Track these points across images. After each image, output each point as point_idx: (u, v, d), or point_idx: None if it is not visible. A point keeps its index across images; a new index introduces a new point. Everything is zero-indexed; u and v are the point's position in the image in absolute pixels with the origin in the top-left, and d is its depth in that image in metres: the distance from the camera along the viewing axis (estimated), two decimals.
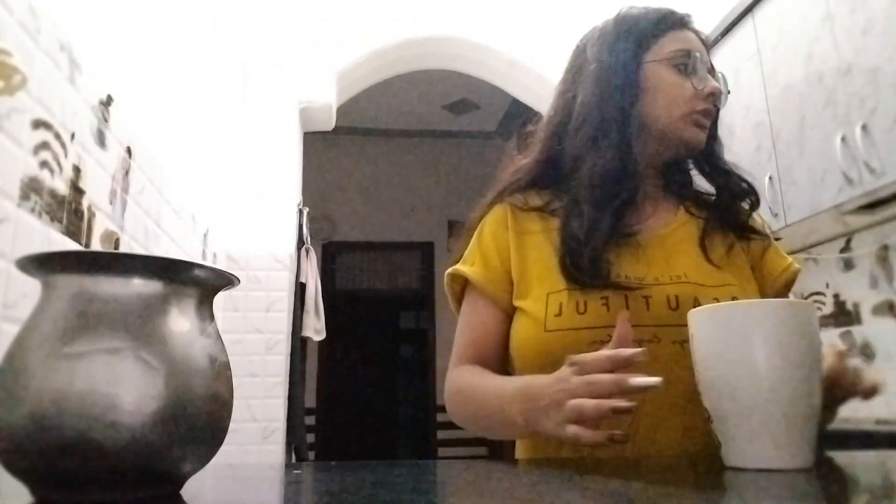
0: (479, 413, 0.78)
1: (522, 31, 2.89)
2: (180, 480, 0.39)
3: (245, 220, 2.51)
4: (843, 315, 2.35)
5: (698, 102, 0.83)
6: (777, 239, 0.93)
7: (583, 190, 0.82)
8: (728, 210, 0.87)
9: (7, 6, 0.96)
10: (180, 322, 0.38)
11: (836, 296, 2.39)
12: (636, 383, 0.56)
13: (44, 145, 1.07)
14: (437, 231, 6.01)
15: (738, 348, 0.52)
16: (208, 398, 0.38)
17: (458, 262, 0.88)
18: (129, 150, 1.48)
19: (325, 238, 5.50)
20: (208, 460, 0.40)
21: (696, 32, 0.89)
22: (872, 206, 1.99)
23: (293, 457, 2.55)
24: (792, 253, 2.65)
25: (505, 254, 0.84)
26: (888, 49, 1.80)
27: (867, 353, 2.23)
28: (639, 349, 0.58)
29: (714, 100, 0.84)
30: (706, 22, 2.67)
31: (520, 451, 0.84)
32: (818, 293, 2.47)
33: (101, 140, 1.32)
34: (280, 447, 2.38)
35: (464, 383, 0.80)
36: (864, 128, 1.87)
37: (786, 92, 2.23)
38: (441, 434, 5.40)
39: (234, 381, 0.42)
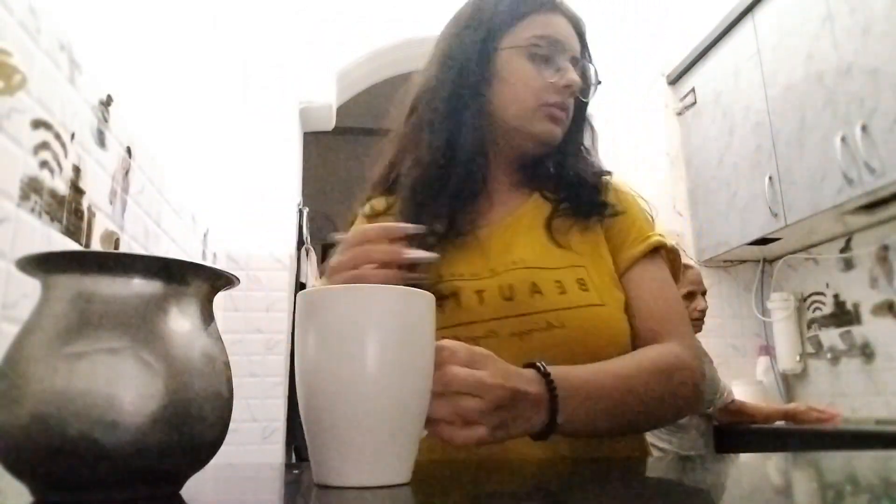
0: None
1: None
2: (180, 480, 0.39)
3: (245, 220, 2.51)
4: (843, 315, 2.35)
5: (551, 95, 0.78)
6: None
7: (406, 191, 0.79)
8: (580, 192, 0.81)
9: (7, 6, 0.96)
10: (180, 322, 0.38)
11: (835, 296, 2.39)
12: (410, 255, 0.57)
13: (44, 145, 1.07)
14: None
15: (341, 340, 0.43)
16: (208, 398, 0.38)
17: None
18: (129, 150, 1.48)
19: (325, 238, 5.50)
20: (208, 460, 0.40)
21: (569, 16, 0.82)
22: (872, 206, 1.99)
23: (293, 457, 2.55)
24: (792, 253, 2.67)
25: None
26: (888, 49, 1.80)
27: (867, 352, 2.23)
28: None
29: (570, 92, 0.79)
30: (706, 22, 2.67)
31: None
32: (818, 293, 2.47)
33: (101, 140, 1.32)
34: (280, 447, 2.38)
35: None
36: (864, 128, 1.87)
37: (786, 92, 2.23)
38: None
39: (234, 381, 0.42)
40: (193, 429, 0.37)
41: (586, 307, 0.71)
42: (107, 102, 1.35)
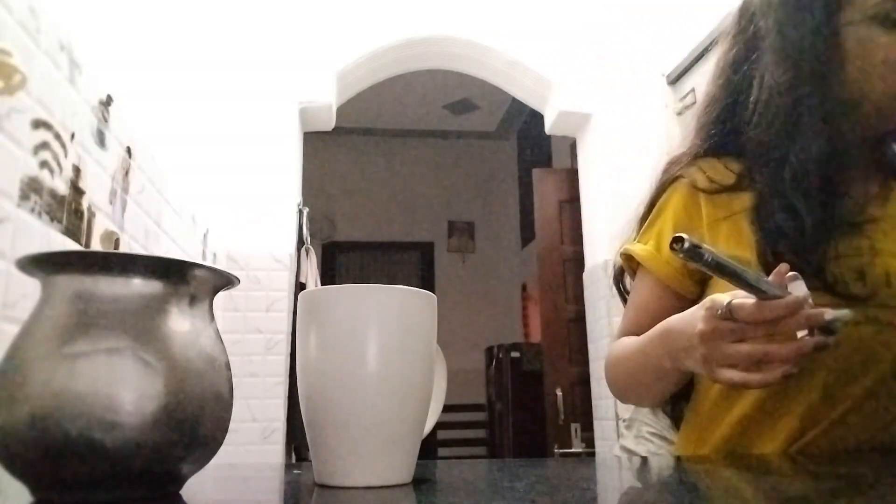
0: (633, 375, 0.74)
1: (522, 31, 2.89)
2: (180, 480, 0.39)
3: (245, 220, 2.51)
4: None
5: None
6: None
7: (785, 182, 0.69)
8: None
9: (7, 6, 0.96)
10: (180, 322, 0.38)
11: None
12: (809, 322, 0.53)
13: (44, 145, 1.07)
14: (437, 231, 6.01)
15: (343, 339, 0.43)
16: (208, 398, 0.38)
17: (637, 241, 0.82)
18: (129, 150, 1.48)
19: (325, 238, 5.50)
20: (208, 460, 0.40)
21: None
22: None
23: (293, 457, 2.55)
24: None
25: (716, 224, 0.73)
26: None
27: None
28: (806, 293, 0.53)
29: None
30: (706, 22, 2.67)
31: (684, 447, 0.77)
32: None
33: (100, 140, 1.32)
34: (280, 447, 2.38)
35: (618, 352, 0.76)
36: None
37: None
38: (441, 434, 5.39)
39: (234, 381, 0.42)
40: (193, 429, 0.37)
41: None
42: (107, 102, 1.35)
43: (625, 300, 0.86)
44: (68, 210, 1.16)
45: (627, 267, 0.83)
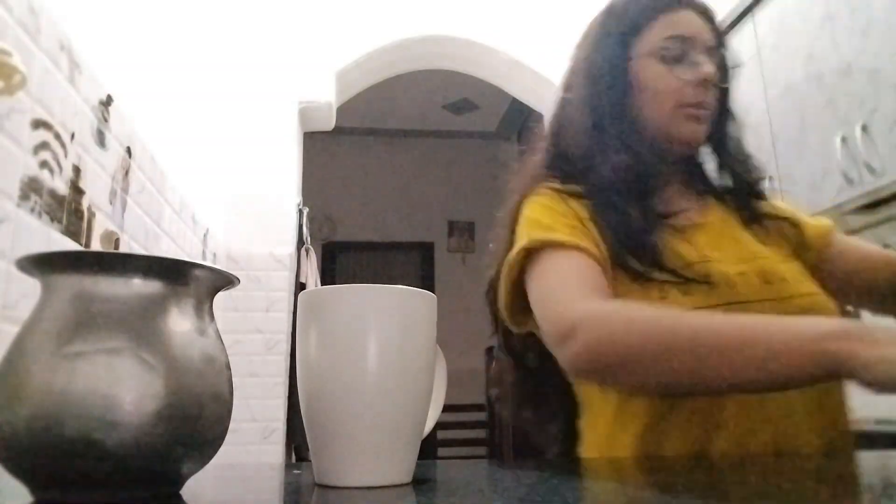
0: (726, 357, 0.56)
1: (522, 31, 2.89)
2: (180, 480, 0.39)
3: (245, 220, 2.51)
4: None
5: (687, 93, 0.77)
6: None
7: (606, 185, 0.76)
8: (749, 200, 0.83)
9: (7, 6, 0.96)
10: (180, 322, 0.38)
11: None
12: None
13: (44, 145, 1.07)
14: (437, 231, 6.01)
15: (343, 339, 0.43)
16: (208, 398, 0.38)
17: (494, 261, 0.79)
18: (128, 150, 1.48)
19: (325, 238, 5.50)
20: (208, 460, 0.40)
21: (698, 9, 0.81)
22: (872, 206, 1.99)
23: (293, 457, 2.55)
24: None
25: (583, 223, 0.74)
26: (888, 49, 1.80)
27: None
28: None
29: (708, 86, 0.77)
30: None
31: (590, 450, 0.76)
32: None
33: (100, 140, 1.32)
34: (280, 447, 2.38)
35: (651, 313, 0.62)
36: (864, 128, 1.87)
37: (786, 92, 2.23)
38: (441, 434, 5.39)
39: (234, 381, 0.42)
40: (193, 429, 0.37)
41: (814, 294, 0.73)
42: (107, 102, 1.35)
43: (496, 318, 0.83)
44: (68, 210, 1.16)
45: (508, 276, 0.74)
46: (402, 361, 0.43)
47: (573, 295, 0.66)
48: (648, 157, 0.79)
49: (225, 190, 2.47)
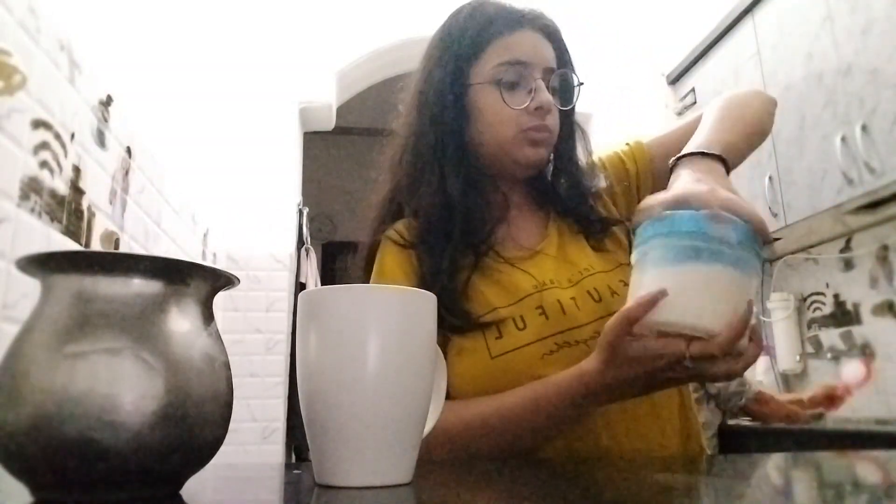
0: (513, 432, 0.68)
1: None
2: (180, 480, 0.39)
3: (245, 220, 2.51)
4: (843, 315, 2.35)
5: (525, 120, 0.76)
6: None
7: (427, 226, 0.78)
8: (580, 208, 0.83)
9: (7, 6, 0.96)
10: (180, 322, 0.38)
11: (836, 296, 2.39)
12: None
13: (44, 145, 1.07)
14: None
15: (343, 339, 0.43)
16: (208, 398, 0.38)
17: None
18: (128, 150, 1.48)
19: (325, 238, 5.50)
20: (208, 460, 0.40)
21: (537, 27, 0.80)
22: (872, 206, 1.99)
23: (293, 457, 2.55)
24: (792, 253, 2.66)
25: (415, 274, 0.78)
26: (888, 49, 1.80)
27: (867, 352, 2.23)
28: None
29: (544, 113, 0.76)
30: (706, 22, 2.67)
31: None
32: (818, 293, 2.47)
33: (100, 140, 1.32)
34: (280, 447, 2.38)
35: (470, 416, 0.69)
36: (864, 128, 1.87)
37: (786, 92, 2.23)
38: None
39: (234, 381, 0.42)
40: (193, 429, 0.37)
41: None
42: (107, 102, 1.35)
43: None
44: (68, 210, 1.16)
45: None
46: (402, 361, 0.43)
47: None
48: (486, 185, 0.80)
49: (225, 190, 2.47)
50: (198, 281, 0.40)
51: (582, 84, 0.82)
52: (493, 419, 0.67)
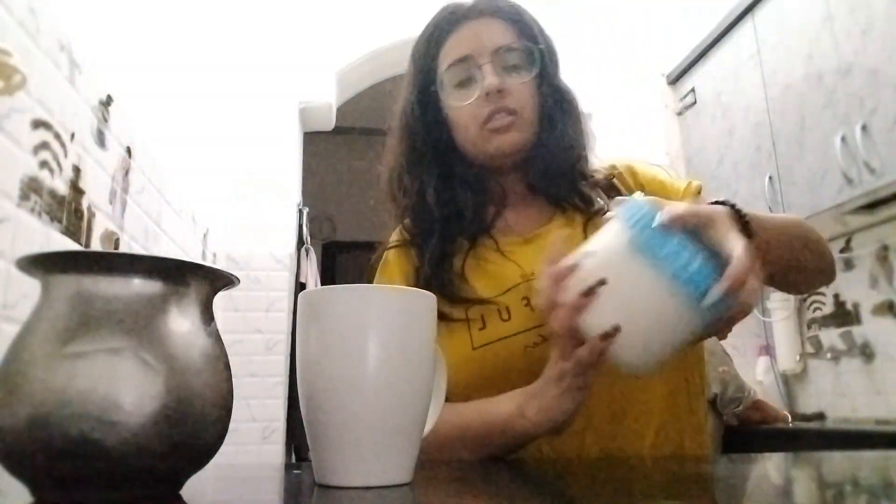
0: (484, 449, 0.68)
1: None
2: (180, 480, 0.39)
3: (245, 220, 2.51)
4: (843, 315, 2.35)
5: (482, 111, 0.76)
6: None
7: (420, 226, 0.81)
8: (569, 186, 0.81)
9: (7, 6, 0.96)
10: (180, 322, 0.38)
11: (835, 296, 2.38)
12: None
13: (44, 145, 1.07)
14: None
15: (342, 339, 0.43)
16: (208, 398, 0.38)
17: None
18: (129, 151, 1.48)
19: (325, 238, 5.50)
20: (208, 460, 0.40)
21: (478, 11, 0.79)
22: (872, 206, 1.99)
23: (293, 457, 2.55)
24: None
25: (416, 275, 0.81)
26: (888, 49, 1.80)
27: (867, 353, 2.23)
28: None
29: (495, 96, 0.75)
30: (706, 22, 2.67)
31: None
32: (818, 293, 2.47)
33: (100, 140, 1.32)
34: (280, 447, 2.38)
35: (463, 423, 0.69)
36: (864, 128, 1.87)
37: (786, 92, 2.23)
38: None
39: (234, 381, 0.42)
40: (193, 429, 0.37)
41: None
42: (107, 102, 1.35)
43: None
44: (68, 210, 1.16)
45: None
46: (402, 361, 0.43)
47: None
48: (484, 178, 0.81)
49: (225, 190, 2.48)
50: (198, 281, 0.40)
51: (542, 48, 0.79)
52: (454, 431, 0.68)
